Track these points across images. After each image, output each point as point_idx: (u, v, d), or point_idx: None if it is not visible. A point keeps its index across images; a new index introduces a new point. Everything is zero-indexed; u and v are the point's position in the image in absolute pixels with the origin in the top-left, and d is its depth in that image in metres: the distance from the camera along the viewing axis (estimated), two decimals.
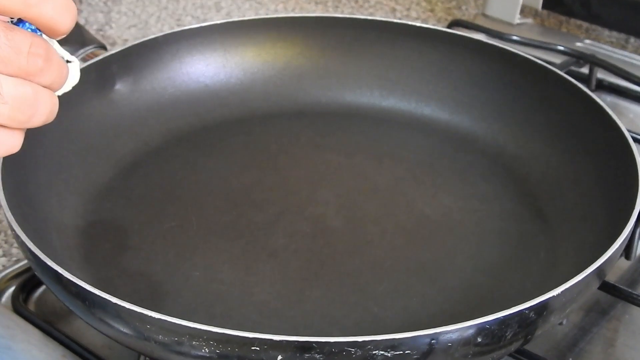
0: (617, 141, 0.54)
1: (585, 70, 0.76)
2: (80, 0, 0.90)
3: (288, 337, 0.38)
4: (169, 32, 0.65)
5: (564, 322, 0.51)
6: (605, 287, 0.51)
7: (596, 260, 0.43)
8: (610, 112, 0.55)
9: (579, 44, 0.83)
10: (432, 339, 0.38)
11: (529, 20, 0.89)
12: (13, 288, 0.53)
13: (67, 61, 0.37)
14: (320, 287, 0.51)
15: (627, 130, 0.54)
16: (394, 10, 0.93)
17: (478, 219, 0.56)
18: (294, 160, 0.62)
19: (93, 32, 0.84)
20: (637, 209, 0.47)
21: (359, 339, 0.38)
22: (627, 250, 0.50)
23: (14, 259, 0.57)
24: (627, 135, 0.53)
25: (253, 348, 0.38)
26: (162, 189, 0.59)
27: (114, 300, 0.39)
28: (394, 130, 0.65)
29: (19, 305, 0.52)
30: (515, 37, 0.79)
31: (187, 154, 0.62)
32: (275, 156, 0.62)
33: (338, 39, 0.68)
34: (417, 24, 0.67)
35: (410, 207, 0.57)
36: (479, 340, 0.40)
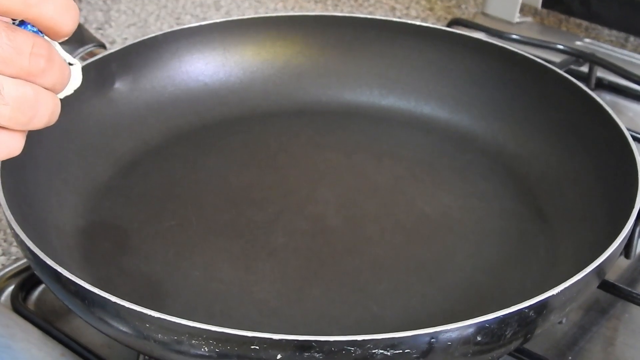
0: (616, 140, 0.54)
1: (584, 69, 0.76)
2: None
3: (287, 336, 0.38)
4: (169, 31, 0.65)
5: (564, 321, 0.51)
6: (605, 286, 0.51)
7: (596, 259, 0.43)
8: (609, 111, 0.55)
9: (578, 43, 0.83)
10: (432, 338, 0.38)
11: (529, 19, 0.89)
12: (12, 287, 0.53)
13: (69, 64, 0.37)
14: (319, 286, 0.51)
15: (627, 129, 0.54)
16: (393, 8, 0.93)
17: (478, 218, 0.56)
18: (294, 159, 0.62)
19: (92, 30, 0.84)
20: (637, 208, 0.47)
21: (359, 338, 0.37)
22: (627, 249, 0.50)
23: (13, 257, 0.57)
24: (627, 134, 0.53)
25: (252, 347, 0.38)
26: (161, 187, 0.58)
27: (114, 299, 0.39)
28: (393, 129, 0.65)
29: (18, 304, 0.52)
30: (514, 36, 0.79)
31: (187, 152, 0.62)
32: (274, 155, 0.62)
33: (338, 38, 0.68)
34: (417, 23, 0.67)
35: (410, 206, 0.57)
36: (478, 339, 0.39)
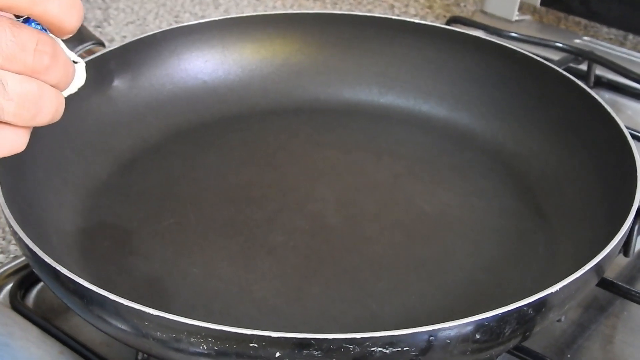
0: (615, 138, 0.54)
1: (583, 67, 0.76)
2: None
3: (286, 334, 0.38)
4: (167, 29, 0.65)
5: (563, 318, 0.51)
6: (604, 283, 0.51)
7: (595, 257, 0.43)
8: (608, 109, 0.55)
9: (577, 41, 0.83)
10: (431, 336, 0.38)
11: (528, 17, 0.89)
12: (11, 285, 0.53)
13: (73, 62, 0.37)
14: (318, 284, 0.51)
15: (626, 127, 0.54)
16: (392, 6, 0.93)
17: (477, 216, 0.56)
18: (293, 157, 0.62)
19: (91, 28, 0.84)
20: (636, 206, 0.47)
21: (358, 335, 0.37)
22: (626, 247, 0.50)
23: (11, 255, 0.57)
24: (626, 132, 0.53)
25: (251, 345, 0.38)
26: (160, 185, 0.58)
27: (112, 297, 0.39)
28: (392, 127, 0.65)
29: (16, 302, 0.52)
30: (513, 34, 0.79)
31: (186, 150, 0.62)
32: (273, 153, 0.62)
33: (336, 36, 0.68)
34: (416, 21, 0.67)
35: (409, 204, 0.57)
36: (477, 337, 0.39)
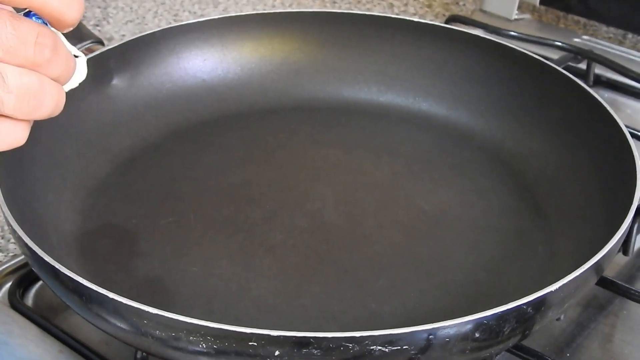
0: (615, 137, 0.54)
1: (582, 66, 0.76)
2: None
3: (286, 333, 0.37)
4: (167, 28, 0.65)
5: (562, 317, 0.51)
6: (603, 282, 0.51)
7: (594, 256, 0.43)
8: (608, 108, 0.55)
9: (576, 40, 0.83)
10: (430, 335, 0.38)
11: (527, 16, 0.89)
12: (10, 283, 0.53)
13: (74, 56, 0.37)
14: (318, 282, 0.51)
15: (625, 126, 0.54)
16: (391, 5, 0.93)
17: (476, 215, 0.56)
18: (292, 156, 0.62)
19: (90, 27, 0.84)
20: (635, 205, 0.47)
21: (357, 334, 0.37)
22: (625, 245, 0.50)
23: (10, 254, 0.57)
24: (625, 130, 0.53)
25: (250, 343, 0.38)
26: (159, 184, 0.58)
27: (111, 295, 0.39)
28: (392, 126, 0.65)
29: (16, 301, 0.52)
30: (513, 33, 0.79)
31: (185, 149, 0.62)
32: (272, 151, 0.62)
33: (336, 35, 0.68)
34: (415, 20, 0.67)
35: (408, 203, 0.57)
36: (476, 335, 0.39)
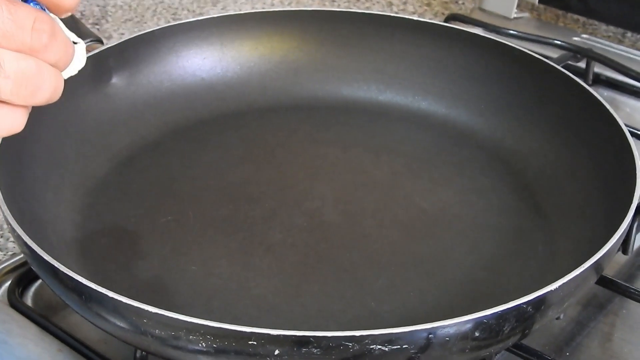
0: (614, 135, 0.54)
1: (582, 64, 0.76)
2: None
3: (285, 332, 0.37)
4: (166, 26, 0.65)
5: (562, 316, 0.51)
6: (603, 281, 0.51)
7: (594, 255, 0.43)
8: (607, 107, 0.55)
9: (576, 39, 0.83)
10: (430, 334, 0.38)
11: (526, 15, 0.89)
12: (9, 282, 0.53)
13: (73, 42, 0.37)
14: (317, 281, 0.51)
15: (625, 125, 0.54)
16: (390, 4, 0.93)
17: (475, 214, 0.56)
18: (291, 155, 0.62)
19: (89, 25, 0.84)
20: (635, 203, 0.47)
21: (357, 333, 0.37)
22: (625, 244, 0.50)
23: (10, 253, 0.57)
24: (625, 129, 0.53)
25: (250, 342, 0.38)
26: (158, 183, 0.58)
27: (111, 294, 0.39)
28: (391, 124, 0.65)
29: (15, 300, 0.51)
30: (512, 32, 0.79)
31: (184, 148, 0.62)
32: (272, 150, 0.62)
33: (335, 33, 0.68)
34: (414, 18, 0.67)
35: (408, 202, 0.57)
36: (476, 334, 0.39)
